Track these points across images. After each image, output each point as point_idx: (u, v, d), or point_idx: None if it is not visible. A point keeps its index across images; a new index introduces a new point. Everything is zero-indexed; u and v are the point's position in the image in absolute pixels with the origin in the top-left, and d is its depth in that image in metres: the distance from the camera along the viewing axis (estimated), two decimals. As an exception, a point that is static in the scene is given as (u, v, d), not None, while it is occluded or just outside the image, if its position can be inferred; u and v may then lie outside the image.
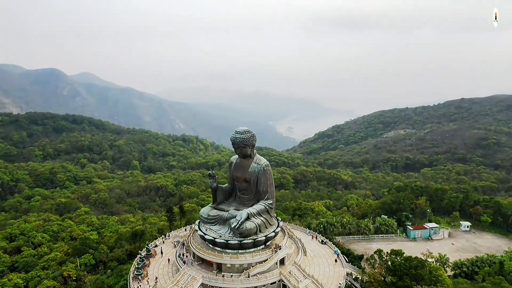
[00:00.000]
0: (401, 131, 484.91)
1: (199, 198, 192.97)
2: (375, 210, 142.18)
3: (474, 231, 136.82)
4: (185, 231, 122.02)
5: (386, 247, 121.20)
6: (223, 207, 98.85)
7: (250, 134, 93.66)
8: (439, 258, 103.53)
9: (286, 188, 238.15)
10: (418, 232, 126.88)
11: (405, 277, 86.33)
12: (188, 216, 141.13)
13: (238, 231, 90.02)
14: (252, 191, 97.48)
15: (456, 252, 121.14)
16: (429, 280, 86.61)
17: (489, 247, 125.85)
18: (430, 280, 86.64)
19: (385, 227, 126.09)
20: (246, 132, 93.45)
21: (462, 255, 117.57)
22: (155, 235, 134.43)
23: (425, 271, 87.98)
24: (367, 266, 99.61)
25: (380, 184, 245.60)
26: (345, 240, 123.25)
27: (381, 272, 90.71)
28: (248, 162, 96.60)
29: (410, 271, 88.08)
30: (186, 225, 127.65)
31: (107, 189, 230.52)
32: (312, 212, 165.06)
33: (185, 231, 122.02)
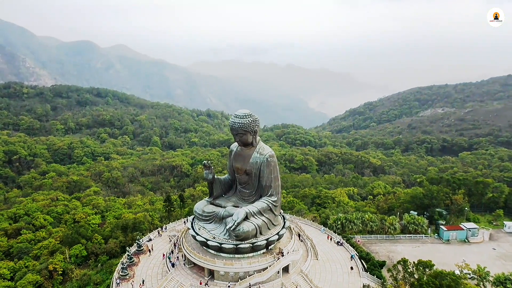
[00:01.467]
0: (439, 110, 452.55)
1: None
2: (403, 204, 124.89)
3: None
4: (184, 224, 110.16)
5: (414, 251, 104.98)
6: (221, 203, 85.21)
7: (251, 118, 78.51)
8: (478, 271, 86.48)
9: (308, 171, 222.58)
10: (452, 234, 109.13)
11: (434, 300, 70.58)
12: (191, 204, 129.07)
13: (234, 233, 76.65)
14: (254, 185, 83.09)
15: (498, 260, 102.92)
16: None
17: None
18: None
19: (414, 226, 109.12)
20: (246, 116, 78.33)
21: (506, 265, 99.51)
22: (156, 224, 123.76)
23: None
24: (389, 278, 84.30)
25: (413, 170, 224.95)
26: (365, 240, 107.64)
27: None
28: (249, 151, 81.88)
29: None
30: (187, 216, 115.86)
31: (122, 167, 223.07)
32: (333, 201, 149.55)
33: (184, 224, 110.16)
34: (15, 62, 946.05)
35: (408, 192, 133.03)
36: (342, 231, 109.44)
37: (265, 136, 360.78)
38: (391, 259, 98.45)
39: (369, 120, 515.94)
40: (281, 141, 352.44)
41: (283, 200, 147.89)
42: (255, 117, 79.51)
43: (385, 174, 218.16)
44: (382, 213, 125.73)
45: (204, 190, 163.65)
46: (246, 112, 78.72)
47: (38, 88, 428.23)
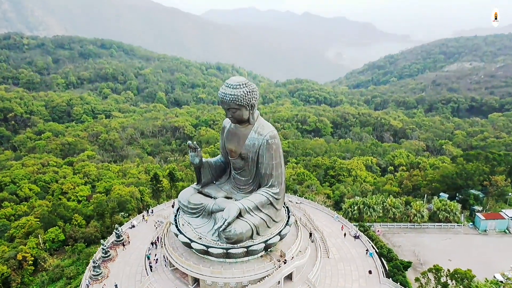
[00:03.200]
0: (467, 65, 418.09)
1: (216, 146, 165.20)
2: (431, 183, 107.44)
3: None
4: (172, 207, 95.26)
5: (444, 244, 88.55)
6: (211, 192, 68.87)
7: (247, 89, 60.02)
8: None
9: (322, 135, 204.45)
10: (491, 223, 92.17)
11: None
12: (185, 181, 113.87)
13: (224, 235, 61.26)
14: (251, 172, 65.96)
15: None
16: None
17: None
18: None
19: (445, 214, 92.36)
20: (241, 85, 59.80)
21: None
22: (146, 201, 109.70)
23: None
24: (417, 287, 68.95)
25: (437, 134, 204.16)
26: (386, 229, 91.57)
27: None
28: (245, 130, 64.08)
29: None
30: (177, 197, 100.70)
31: (120, 128, 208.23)
32: (349, 174, 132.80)
33: (172, 207, 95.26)
34: (23, 10, 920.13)
35: (438, 169, 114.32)
36: (359, 217, 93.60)
37: (277, 92, 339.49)
38: (417, 256, 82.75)
39: (389, 75, 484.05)
40: (294, 98, 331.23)
41: (292, 172, 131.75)
42: (252, 86, 60.97)
43: (407, 139, 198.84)
44: (405, 192, 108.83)
45: (206, 157, 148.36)
46: (240, 81, 60.07)
47: (39, 39, 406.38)
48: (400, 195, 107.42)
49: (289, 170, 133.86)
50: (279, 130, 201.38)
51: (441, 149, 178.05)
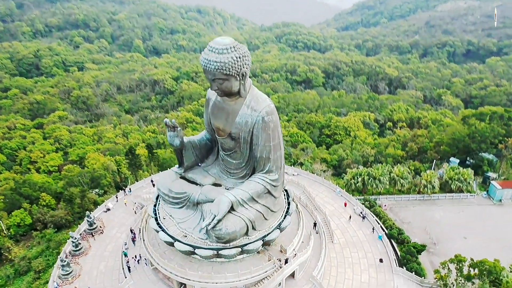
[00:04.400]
0: (461, 3, 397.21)
1: (200, 103, 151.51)
2: (440, 145, 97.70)
3: None
4: (153, 185, 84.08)
5: (458, 218, 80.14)
6: (196, 177, 57.31)
7: (236, 53, 46.49)
8: None
9: (313, 86, 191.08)
10: (507, 192, 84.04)
11: None
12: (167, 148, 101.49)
13: (213, 234, 51.00)
14: (244, 154, 54.29)
15: None
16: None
17: None
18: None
19: (458, 184, 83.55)
20: (228, 49, 46.03)
21: None
22: (124, 173, 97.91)
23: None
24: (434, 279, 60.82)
25: (434, 82, 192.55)
26: (393, 202, 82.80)
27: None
28: (235, 104, 51.38)
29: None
30: (159, 171, 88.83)
31: (95, 82, 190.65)
32: (346, 133, 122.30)
33: (153, 185, 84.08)
34: None
35: (442, 126, 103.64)
36: (363, 188, 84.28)
37: (262, 37, 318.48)
38: (429, 234, 74.53)
39: (380, 16, 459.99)
40: (281, 43, 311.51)
41: (284, 132, 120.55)
42: (243, 50, 47.37)
43: (403, 89, 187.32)
44: (411, 156, 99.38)
45: (190, 117, 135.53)
46: (228, 44, 46.20)
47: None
48: (405, 159, 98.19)
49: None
50: (267, 82, 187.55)
51: (440, 99, 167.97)
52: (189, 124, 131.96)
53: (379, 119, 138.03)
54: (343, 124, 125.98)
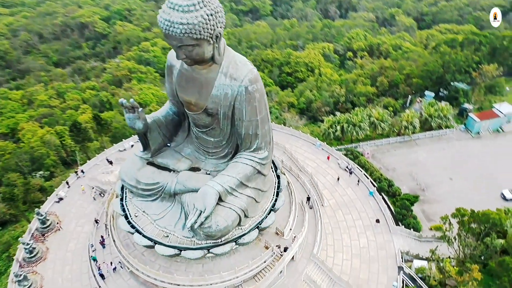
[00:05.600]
0: None
1: (140, 47, 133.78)
2: (411, 78, 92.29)
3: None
4: (110, 163, 72.13)
5: (440, 157, 77.06)
6: (168, 162, 47.23)
7: (206, 9, 34.36)
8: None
9: (261, 15, 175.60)
10: (484, 124, 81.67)
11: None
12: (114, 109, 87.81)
13: (201, 232, 42.94)
14: (224, 130, 44.64)
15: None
16: None
17: None
18: None
19: (438, 120, 79.63)
20: (196, 4, 33.76)
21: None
22: (69, 146, 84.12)
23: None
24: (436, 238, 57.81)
25: (385, 1, 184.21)
26: (374, 148, 77.86)
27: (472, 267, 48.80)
28: (208, 72, 40.40)
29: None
30: (112, 144, 75.77)
31: (9, 31, 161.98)
32: (308, 69, 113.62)
33: (110, 163, 72.13)
34: None
35: (407, 53, 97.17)
36: (342, 137, 78.18)
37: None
38: (416, 179, 71.28)
39: None
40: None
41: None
42: (214, 3, 35.81)
43: (355, 11, 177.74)
44: (382, 92, 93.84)
45: (133, 67, 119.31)
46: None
47: None
48: (377, 96, 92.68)
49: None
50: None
51: (393, 19, 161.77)
52: (133, 75, 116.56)
53: (338, 49, 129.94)
54: (303, 60, 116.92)
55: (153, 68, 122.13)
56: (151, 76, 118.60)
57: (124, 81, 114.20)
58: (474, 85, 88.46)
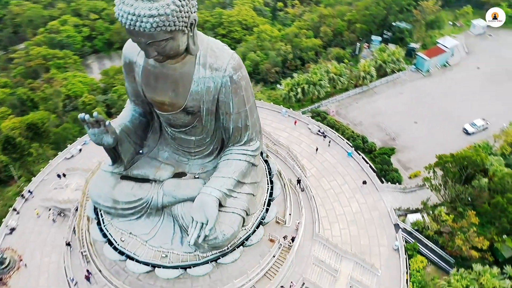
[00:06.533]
0: None
1: (48, 29, 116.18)
2: (355, 24, 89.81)
3: (489, 33, 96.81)
4: (59, 177, 62.08)
5: (399, 103, 77.57)
6: (146, 172, 40.47)
7: (172, 1, 28.10)
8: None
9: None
10: (433, 61, 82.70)
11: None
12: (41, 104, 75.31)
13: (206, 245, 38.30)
14: (207, 127, 38.98)
15: (490, 85, 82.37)
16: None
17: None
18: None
19: (392, 66, 78.81)
20: None
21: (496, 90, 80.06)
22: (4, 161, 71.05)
23: None
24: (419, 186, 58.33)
25: None
26: (337, 104, 75.76)
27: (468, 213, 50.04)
28: (182, 66, 33.50)
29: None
30: (56, 151, 64.01)
31: None
32: (242, 27, 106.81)
33: (59, 177, 62.08)
34: None
35: (360, 3, 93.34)
36: (302, 98, 74.80)
37: None
38: (384, 129, 71.01)
39: None
40: None
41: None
42: None
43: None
44: (328, 43, 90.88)
45: (47, 53, 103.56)
46: None
47: None
48: (323, 48, 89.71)
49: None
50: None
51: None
52: (50, 62, 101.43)
53: (268, 1, 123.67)
54: (236, 18, 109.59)
55: (70, 51, 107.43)
56: (70, 60, 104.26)
57: (41, 71, 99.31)
58: (415, 23, 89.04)
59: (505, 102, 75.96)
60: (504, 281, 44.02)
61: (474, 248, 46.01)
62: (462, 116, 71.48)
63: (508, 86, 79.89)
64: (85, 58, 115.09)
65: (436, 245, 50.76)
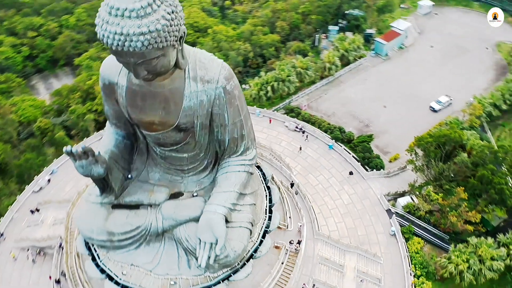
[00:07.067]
0: None
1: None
2: (309, 16, 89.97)
3: (435, 12, 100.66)
4: (36, 212, 56.83)
5: (366, 89, 78.62)
6: (139, 197, 37.51)
7: (166, 6, 26.48)
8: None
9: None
10: (391, 44, 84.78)
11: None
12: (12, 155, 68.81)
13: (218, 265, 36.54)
14: (201, 142, 37.14)
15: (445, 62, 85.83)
16: None
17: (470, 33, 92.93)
18: None
19: (355, 54, 79.91)
20: (152, 3, 25.96)
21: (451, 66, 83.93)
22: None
23: None
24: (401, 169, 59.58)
25: None
26: (306, 98, 75.60)
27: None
28: (171, 82, 31.14)
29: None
30: (25, 181, 58.67)
31: None
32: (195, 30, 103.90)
33: (36, 212, 56.83)
34: None
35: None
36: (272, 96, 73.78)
37: None
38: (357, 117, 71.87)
39: None
40: None
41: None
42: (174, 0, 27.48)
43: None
44: (286, 38, 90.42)
45: None
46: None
47: None
48: (282, 43, 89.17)
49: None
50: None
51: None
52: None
53: (215, 0, 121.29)
54: (186, 21, 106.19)
55: (12, 74, 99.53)
56: (14, 84, 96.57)
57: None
58: (367, 9, 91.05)
59: (461, 76, 79.93)
60: (500, 250, 46.21)
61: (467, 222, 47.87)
62: (427, 95, 74.21)
63: (461, 60, 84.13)
64: (29, 79, 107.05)
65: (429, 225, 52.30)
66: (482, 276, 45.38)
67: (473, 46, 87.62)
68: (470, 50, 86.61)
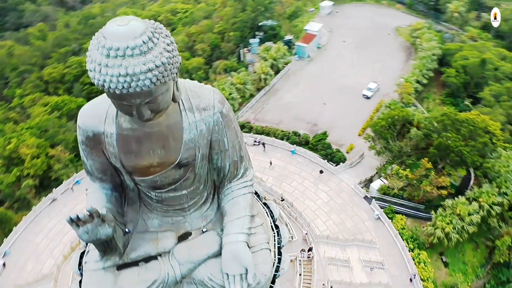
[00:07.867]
0: None
1: None
2: (227, 33, 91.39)
3: (336, 10, 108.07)
4: None
5: (299, 90, 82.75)
6: (145, 250, 33.10)
7: (163, 38, 24.46)
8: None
9: None
10: (310, 46, 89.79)
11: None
12: None
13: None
14: (200, 174, 35.02)
15: (360, 52, 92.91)
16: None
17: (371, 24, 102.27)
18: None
19: (282, 61, 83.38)
20: (151, 39, 22.58)
21: (366, 55, 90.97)
22: None
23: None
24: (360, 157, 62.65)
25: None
26: (251, 112, 76.31)
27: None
28: (167, 118, 28.99)
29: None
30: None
31: None
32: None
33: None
34: None
35: (224, 11, 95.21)
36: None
37: None
38: (304, 119, 74.46)
39: None
40: None
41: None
42: (161, 27, 25.43)
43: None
44: (210, 59, 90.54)
45: None
46: (139, 28, 21.88)
47: None
48: (207, 64, 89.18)
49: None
50: None
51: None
52: None
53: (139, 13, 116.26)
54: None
55: None
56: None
57: None
58: (279, 18, 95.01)
59: (377, 62, 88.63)
60: (473, 204, 51.16)
61: (440, 188, 52.23)
62: (356, 84, 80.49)
63: (372, 48, 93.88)
64: None
65: (404, 200, 55.89)
66: (465, 232, 49.89)
67: (377, 34, 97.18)
68: (376, 38, 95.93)
